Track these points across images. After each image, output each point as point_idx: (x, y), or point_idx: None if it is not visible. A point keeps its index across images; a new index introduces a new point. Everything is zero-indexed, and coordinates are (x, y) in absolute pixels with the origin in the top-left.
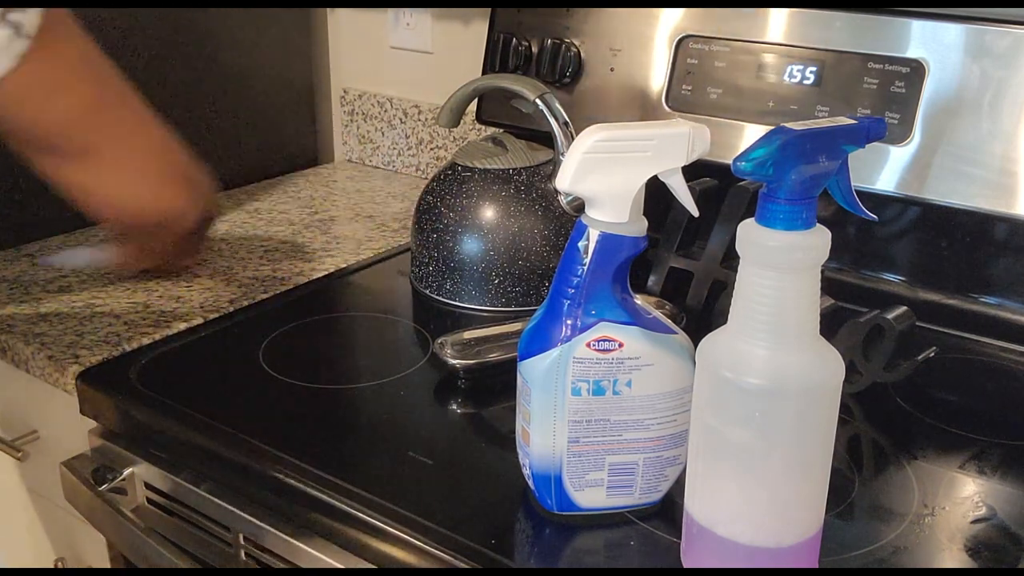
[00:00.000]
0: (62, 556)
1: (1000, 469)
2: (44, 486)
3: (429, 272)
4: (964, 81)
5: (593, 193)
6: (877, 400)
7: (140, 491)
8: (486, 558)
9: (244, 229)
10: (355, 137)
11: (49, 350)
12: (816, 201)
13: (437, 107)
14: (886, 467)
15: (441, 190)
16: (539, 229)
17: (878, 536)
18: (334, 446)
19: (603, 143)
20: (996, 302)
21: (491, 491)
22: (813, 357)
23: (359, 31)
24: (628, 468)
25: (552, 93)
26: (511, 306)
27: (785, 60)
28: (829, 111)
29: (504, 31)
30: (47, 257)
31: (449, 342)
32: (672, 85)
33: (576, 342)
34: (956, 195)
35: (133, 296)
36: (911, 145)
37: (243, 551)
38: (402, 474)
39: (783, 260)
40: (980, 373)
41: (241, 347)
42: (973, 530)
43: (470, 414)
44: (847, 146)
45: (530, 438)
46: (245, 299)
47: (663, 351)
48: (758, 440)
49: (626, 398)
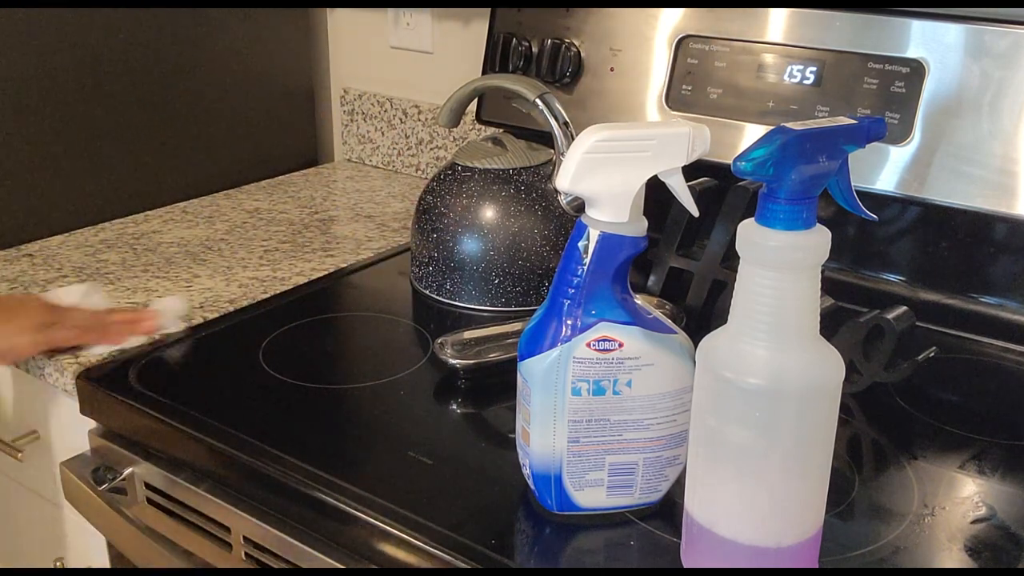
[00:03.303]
0: (62, 556)
1: (1000, 469)
2: (44, 486)
3: (429, 272)
4: (964, 81)
5: (593, 193)
6: (877, 400)
7: (140, 491)
8: (486, 558)
9: (244, 229)
10: (355, 137)
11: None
12: (816, 201)
13: (437, 107)
14: (886, 467)
15: (441, 190)
16: (539, 229)
17: (878, 536)
18: (334, 446)
19: (603, 143)
20: (996, 302)
21: (491, 491)
22: (813, 357)
23: (359, 31)
24: (628, 468)
25: (552, 93)
26: (511, 306)
27: (785, 60)
28: (829, 111)
29: (504, 31)
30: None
31: (449, 342)
32: (672, 85)
33: (576, 342)
34: (956, 195)
35: (133, 296)
36: (911, 145)
37: (243, 551)
38: (402, 474)
39: (783, 260)
40: (980, 373)
41: (241, 347)
42: (973, 530)
43: (470, 414)
44: (847, 146)
45: (530, 438)
46: (245, 299)
47: (663, 351)
48: (758, 440)
49: (626, 398)
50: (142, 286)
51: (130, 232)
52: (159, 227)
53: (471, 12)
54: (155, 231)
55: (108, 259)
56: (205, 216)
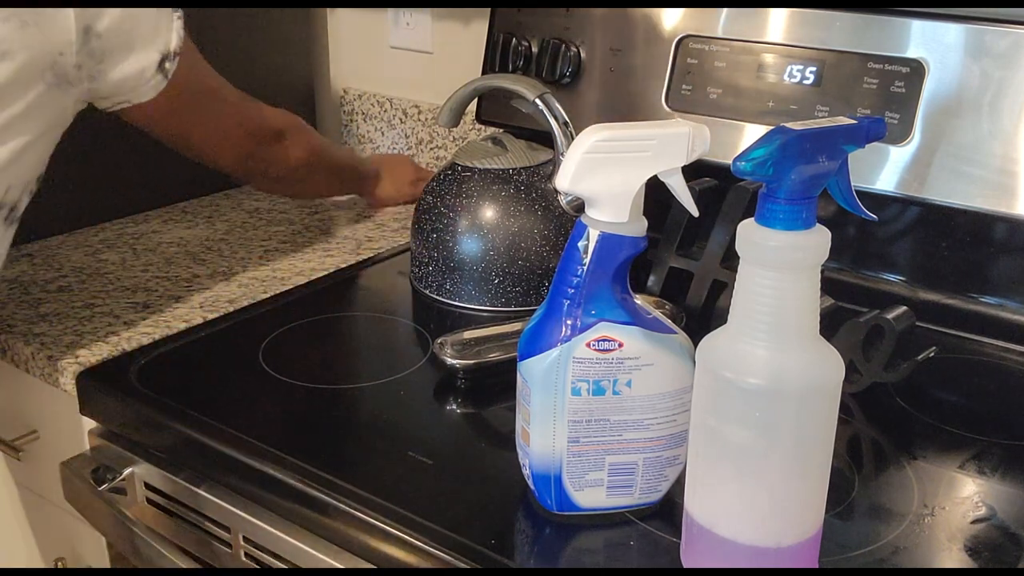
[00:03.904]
0: (62, 556)
1: (1000, 469)
2: (44, 486)
3: (429, 272)
4: (964, 81)
5: (593, 193)
6: (877, 400)
7: (140, 491)
8: (486, 558)
9: (244, 229)
10: (355, 137)
11: (49, 350)
12: (816, 201)
13: (437, 107)
14: (886, 467)
15: (441, 190)
16: (539, 229)
17: (878, 536)
18: (334, 446)
19: (603, 143)
20: (996, 302)
21: (491, 491)
22: (813, 357)
23: (359, 31)
24: (628, 468)
25: (552, 93)
26: (511, 306)
27: (785, 60)
28: (829, 111)
29: (504, 31)
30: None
31: (449, 342)
32: (672, 85)
33: (576, 342)
34: (956, 195)
35: (133, 296)
36: (911, 145)
37: (243, 551)
38: (402, 474)
39: (783, 260)
40: (980, 373)
41: (241, 347)
42: (973, 530)
43: (470, 414)
44: (847, 146)
45: (530, 438)
46: (245, 299)
47: (663, 351)
48: (758, 440)
49: (626, 398)
50: (142, 286)
51: (130, 232)
52: (159, 227)
53: (471, 12)
54: (155, 231)
55: (108, 259)
56: (205, 216)
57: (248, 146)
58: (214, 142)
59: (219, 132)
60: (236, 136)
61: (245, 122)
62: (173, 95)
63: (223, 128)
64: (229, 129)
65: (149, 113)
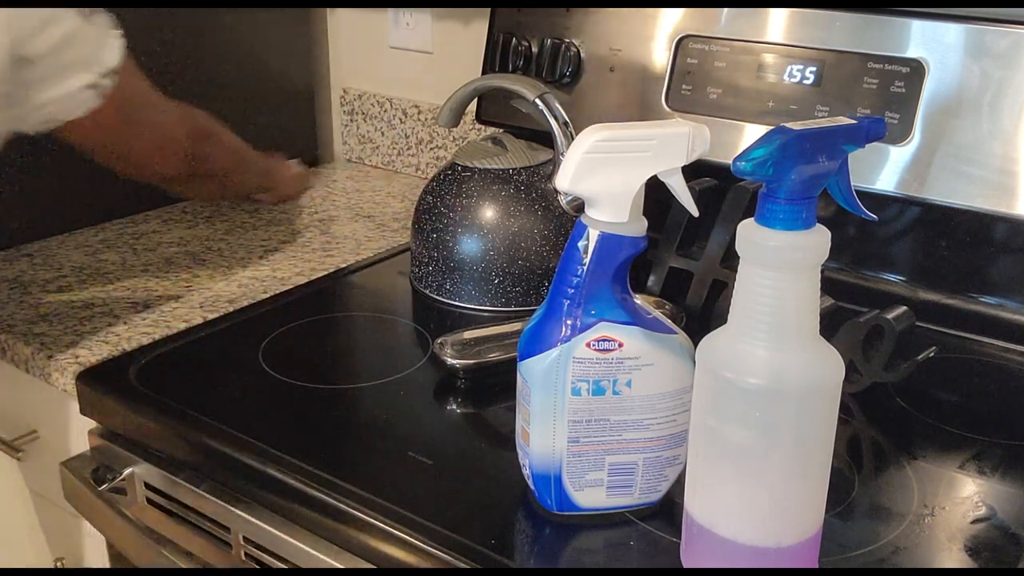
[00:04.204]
0: (62, 556)
1: (1000, 469)
2: (44, 486)
3: (429, 272)
4: (964, 81)
5: (593, 193)
6: (877, 400)
7: (140, 491)
8: (486, 558)
9: (244, 229)
10: (355, 137)
11: (49, 350)
12: (816, 201)
13: (437, 107)
14: (886, 467)
15: (441, 190)
16: (539, 229)
17: (878, 536)
18: (334, 446)
19: (603, 143)
20: (996, 302)
21: (491, 491)
22: (813, 357)
23: (359, 31)
24: (628, 468)
25: (552, 93)
26: (511, 306)
27: (785, 60)
28: (829, 111)
29: (504, 31)
30: None
31: (449, 342)
32: (672, 85)
33: (576, 342)
34: (956, 195)
35: (133, 296)
36: (911, 145)
37: (243, 551)
38: (402, 474)
39: (783, 260)
40: (980, 373)
41: (241, 347)
42: (973, 530)
43: (470, 414)
44: (847, 146)
45: (530, 438)
46: (245, 299)
47: (663, 351)
48: (758, 440)
49: (626, 398)
50: (142, 286)
51: (130, 232)
52: (159, 227)
53: (471, 12)
54: (155, 231)
55: (108, 259)
56: (205, 216)
57: (188, 146)
58: (156, 149)
59: (161, 138)
60: (177, 138)
61: (183, 121)
62: (110, 111)
63: (166, 134)
64: (170, 133)
65: (84, 130)
